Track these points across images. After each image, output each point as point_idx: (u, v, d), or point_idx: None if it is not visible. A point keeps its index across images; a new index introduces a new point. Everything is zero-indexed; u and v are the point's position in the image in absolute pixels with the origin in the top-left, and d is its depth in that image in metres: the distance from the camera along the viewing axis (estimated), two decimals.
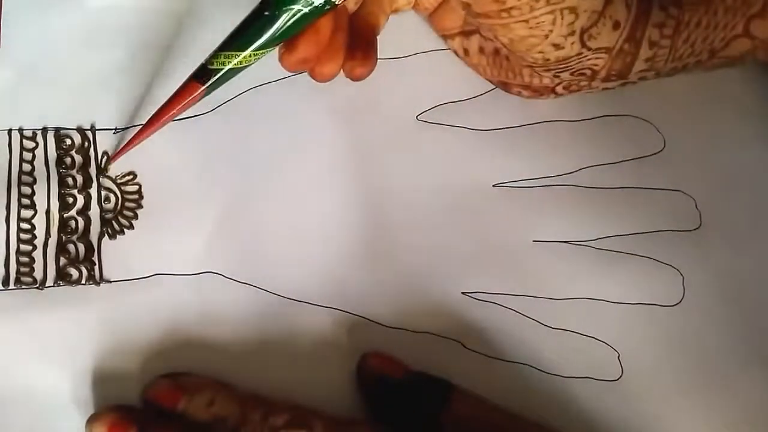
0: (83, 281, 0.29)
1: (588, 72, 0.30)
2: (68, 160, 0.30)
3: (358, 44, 0.28)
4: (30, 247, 0.29)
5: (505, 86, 0.33)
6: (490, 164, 0.33)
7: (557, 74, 0.31)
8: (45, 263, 0.28)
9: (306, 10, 0.26)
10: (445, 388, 0.27)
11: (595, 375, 0.30)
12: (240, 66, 0.26)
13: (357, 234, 0.31)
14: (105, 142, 0.31)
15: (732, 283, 0.32)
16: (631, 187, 0.33)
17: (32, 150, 0.30)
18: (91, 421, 0.25)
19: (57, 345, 0.27)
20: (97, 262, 0.29)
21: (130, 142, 0.29)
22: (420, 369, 0.28)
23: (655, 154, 0.34)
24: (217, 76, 0.27)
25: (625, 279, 0.31)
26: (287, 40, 0.27)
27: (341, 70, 0.28)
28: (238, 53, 0.26)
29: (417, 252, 0.31)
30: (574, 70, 0.30)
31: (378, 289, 0.30)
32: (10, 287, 0.28)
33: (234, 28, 0.26)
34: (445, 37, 0.34)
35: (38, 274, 0.28)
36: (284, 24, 0.26)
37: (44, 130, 0.31)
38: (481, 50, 0.32)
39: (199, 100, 0.27)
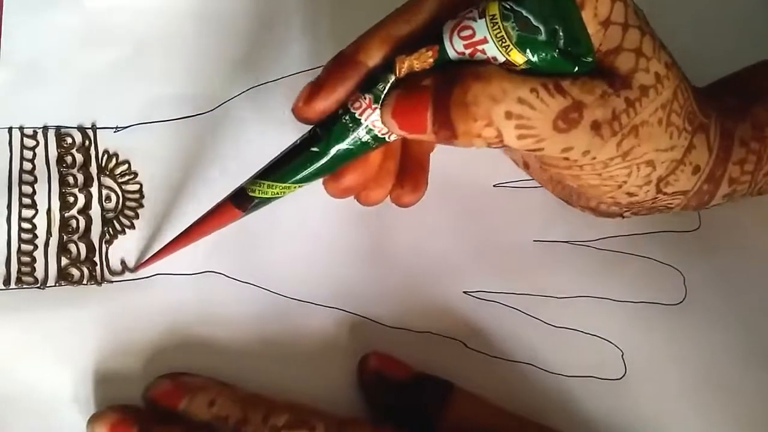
0: (84, 281, 0.28)
1: (662, 209, 0.29)
2: (69, 158, 0.30)
3: (410, 170, 0.27)
4: (31, 247, 0.29)
5: (567, 203, 0.31)
6: (490, 164, 0.33)
7: (627, 211, 0.29)
8: (46, 263, 0.28)
9: (354, 148, 0.24)
10: (446, 389, 0.27)
11: (598, 374, 0.30)
12: (277, 196, 0.25)
13: (358, 234, 0.31)
14: (105, 141, 0.31)
15: (732, 282, 0.32)
16: None
17: (33, 149, 0.30)
18: (92, 420, 0.25)
19: (58, 345, 0.27)
20: (98, 262, 0.29)
21: (159, 253, 0.27)
22: (422, 369, 0.28)
23: None
24: (255, 203, 0.25)
25: (625, 279, 0.31)
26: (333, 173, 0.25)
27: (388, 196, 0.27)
28: (280, 184, 0.25)
29: (418, 252, 0.31)
30: (646, 209, 0.29)
31: (379, 288, 0.30)
32: (11, 287, 0.28)
33: (279, 155, 0.25)
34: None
35: (39, 273, 0.28)
36: (332, 159, 0.24)
37: (45, 128, 0.31)
38: (544, 169, 0.29)
39: (232, 222, 0.26)
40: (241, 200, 0.26)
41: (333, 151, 0.24)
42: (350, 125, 0.24)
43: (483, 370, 0.29)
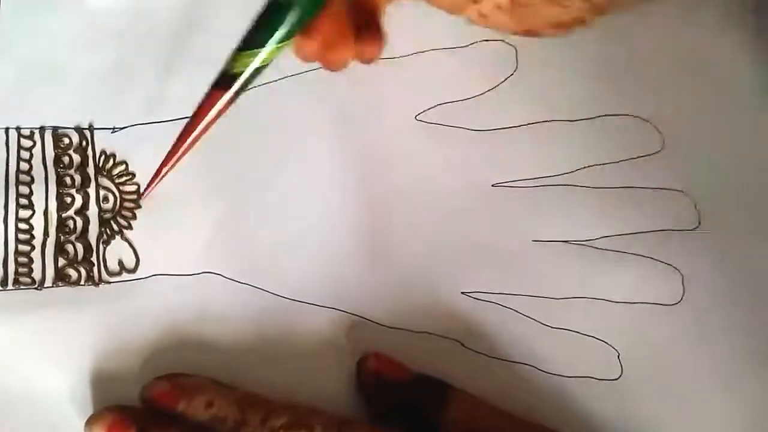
0: (82, 282, 0.28)
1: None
2: (66, 159, 0.30)
3: (365, 27, 0.27)
4: (28, 248, 0.29)
5: (533, 34, 0.31)
6: (489, 164, 0.33)
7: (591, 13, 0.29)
8: (43, 264, 0.28)
9: None
10: (444, 389, 0.27)
11: (595, 374, 0.30)
12: (265, 64, 0.25)
13: (356, 234, 0.31)
14: (103, 142, 0.31)
15: (732, 282, 0.32)
16: (631, 186, 0.33)
17: (30, 149, 0.30)
18: (90, 421, 0.25)
19: (56, 346, 0.27)
20: (95, 263, 0.29)
21: (159, 171, 0.27)
22: (419, 369, 0.28)
23: (654, 153, 0.34)
24: (242, 79, 0.25)
25: (625, 278, 0.31)
26: (303, 29, 0.25)
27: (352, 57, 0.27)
28: (259, 51, 0.25)
29: (416, 252, 0.31)
30: (608, 6, 0.28)
31: (377, 289, 0.30)
32: (8, 288, 0.28)
33: (250, 25, 0.25)
34: (456, 11, 0.32)
35: (37, 274, 0.28)
36: (301, 8, 0.24)
37: (42, 129, 0.30)
38: (498, 8, 0.30)
39: (227, 110, 0.26)
40: (226, 81, 0.25)
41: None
42: None
43: (480, 371, 0.29)
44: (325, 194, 0.31)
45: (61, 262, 0.29)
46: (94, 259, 0.29)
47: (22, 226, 0.29)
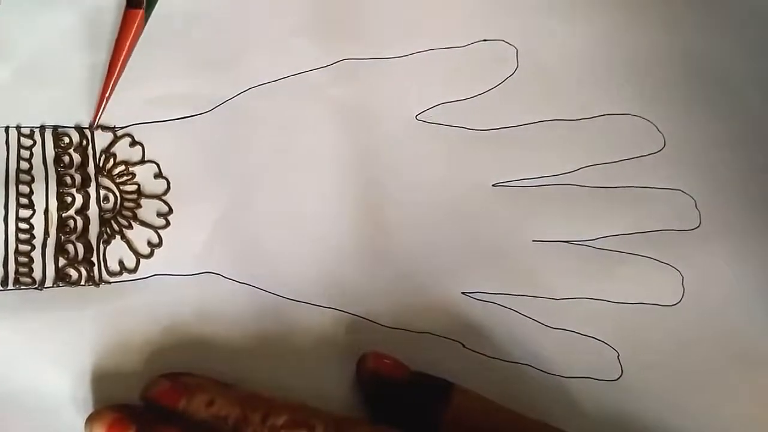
0: (82, 282, 0.28)
1: None
2: (66, 158, 0.30)
3: None
4: (29, 247, 0.29)
5: None
6: (489, 164, 0.33)
7: None
8: (44, 263, 0.28)
9: None
10: (445, 388, 0.27)
11: (595, 375, 0.30)
12: None
13: (356, 234, 0.31)
14: (103, 141, 0.31)
15: (731, 282, 0.32)
16: (631, 186, 0.33)
17: (30, 148, 0.30)
18: (90, 420, 0.25)
19: (56, 345, 0.27)
20: (96, 263, 0.29)
21: (102, 97, 0.29)
22: (420, 369, 0.28)
23: (655, 153, 0.34)
24: None
25: (625, 279, 0.31)
26: None
27: None
28: None
29: (417, 252, 0.31)
30: None
31: (378, 289, 0.30)
32: (9, 287, 0.28)
33: None
34: None
35: (37, 274, 0.28)
36: None
37: (42, 128, 0.30)
38: None
39: (144, 25, 0.27)
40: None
41: None
42: None
43: (481, 371, 0.29)
44: (325, 194, 0.31)
45: (62, 261, 0.29)
46: (94, 258, 0.29)
47: (23, 225, 0.29)
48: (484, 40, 0.34)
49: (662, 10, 0.37)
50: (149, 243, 0.29)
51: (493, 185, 0.33)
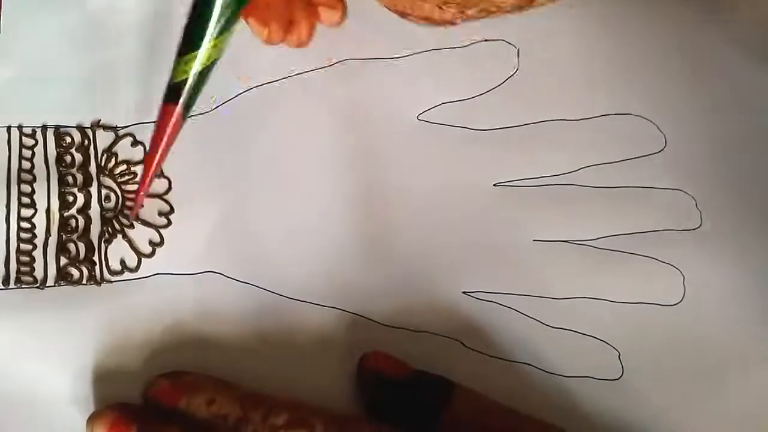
0: (84, 281, 0.29)
1: (495, 10, 0.28)
2: (68, 158, 0.30)
3: None
4: (30, 246, 0.29)
5: (402, 15, 0.31)
6: (490, 164, 0.33)
7: (463, 11, 0.29)
8: (45, 263, 0.28)
9: None
10: (445, 387, 0.27)
11: (595, 374, 0.30)
12: (207, 65, 0.24)
13: (357, 233, 0.31)
14: (105, 141, 0.31)
15: (733, 282, 0.32)
16: (632, 186, 0.33)
17: (32, 147, 0.30)
18: (91, 419, 0.25)
19: (58, 345, 0.27)
20: (97, 262, 0.29)
21: (139, 191, 0.28)
22: (420, 368, 0.28)
23: (656, 153, 0.34)
24: (187, 87, 0.24)
25: (625, 278, 0.31)
26: (254, 16, 0.24)
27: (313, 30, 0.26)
28: (196, 53, 0.24)
29: (417, 251, 0.31)
30: (481, 12, 0.28)
31: (378, 288, 0.30)
32: (10, 286, 0.28)
33: (182, 30, 0.25)
34: None
35: (39, 273, 0.28)
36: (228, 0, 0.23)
37: (44, 127, 0.31)
38: None
39: (184, 122, 0.25)
40: (173, 94, 0.25)
41: None
42: None
43: (481, 370, 0.29)
44: (326, 193, 0.31)
45: (63, 261, 0.29)
46: (95, 258, 0.29)
47: (24, 225, 0.29)
48: (485, 40, 0.34)
49: (663, 9, 0.37)
50: (150, 242, 0.30)
51: (494, 185, 0.33)
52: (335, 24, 0.27)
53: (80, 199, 0.30)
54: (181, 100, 0.25)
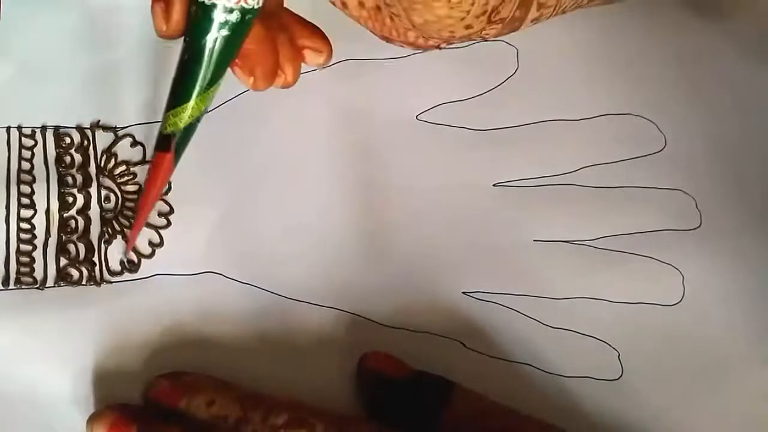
0: (84, 281, 0.29)
1: (478, 39, 0.29)
2: (68, 158, 0.30)
3: (302, 34, 0.26)
4: (30, 247, 0.29)
5: (387, 40, 0.31)
6: (490, 164, 0.33)
7: (449, 42, 0.29)
8: (45, 263, 0.28)
9: (226, 32, 0.23)
10: (445, 387, 0.27)
11: (595, 374, 0.30)
12: (195, 117, 0.25)
13: (357, 233, 0.31)
14: (104, 141, 0.31)
15: (732, 282, 0.32)
16: (632, 186, 0.33)
17: (31, 148, 0.30)
18: (91, 420, 0.25)
19: (57, 345, 0.27)
20: (97, 263, 0.29)
21: (133, 234, 0.28)
22: (420, 368, 0.28)
23: (655, 153, 0.34)
24: (177, 138, 0.25)
25: (625, 278, 0.31)
26: (239, 66, 0.25)
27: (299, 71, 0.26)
28: (185, 106, 0.24)
29: (417, 251, 0.31)
30: (463, 38, 0.29)
31: (378, 288, 0.30)
32: (10, 287, 0.28)
33: (172, 83, 0.25)
34: None
35: (38, 274, 0.28)
36: (212, 54, 0.23)
37: (43, 128, 0.31)
38: (361, 5, 0.29)
39: (174, 166, 0.26)
40: (164, 143, 0.25)
41: (208, 46, 0.23)
42: (201, 13, 0.23)
43: (481, 370, 0.29)
44: (326, 194, 0.31)
45: (63, 261, 0.29)
46: (95, 258, 0.29)
47: (24, 225, 0.29)
48: (485, 41, 0.34)
49: (663, 10, 0.37)
50: (150, 243, 0.30)
51: (494, 185, 0.33)
52: (320, 65, 0.27)
53: (80, 200, 0.30)
54: (172, 149, 0.25)
